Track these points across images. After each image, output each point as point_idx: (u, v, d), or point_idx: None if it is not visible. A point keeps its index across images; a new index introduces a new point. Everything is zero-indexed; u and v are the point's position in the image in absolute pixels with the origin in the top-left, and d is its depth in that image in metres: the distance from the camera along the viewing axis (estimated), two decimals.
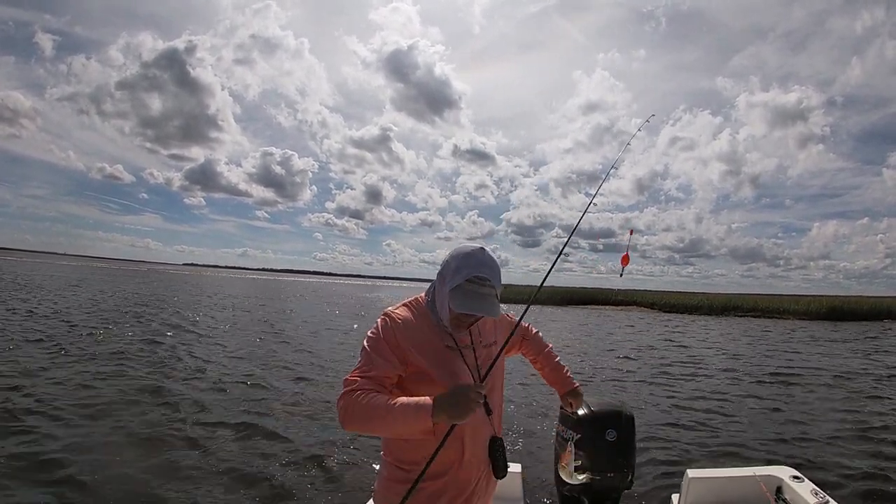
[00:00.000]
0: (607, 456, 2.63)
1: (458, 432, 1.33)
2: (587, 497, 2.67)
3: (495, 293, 1.41)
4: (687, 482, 2.63)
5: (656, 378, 9.35)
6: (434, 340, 1.44)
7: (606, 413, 2.71)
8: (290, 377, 8.04)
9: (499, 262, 1.46)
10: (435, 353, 1.42)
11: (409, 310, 1.47)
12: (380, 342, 1.39)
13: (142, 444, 4.62)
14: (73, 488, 3.68)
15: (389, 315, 1.44)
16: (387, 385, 1.36)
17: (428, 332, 1.44)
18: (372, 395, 1.28)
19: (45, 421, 5.01)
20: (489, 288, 1.39)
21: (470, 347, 1.51)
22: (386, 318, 1.43)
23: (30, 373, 6.88)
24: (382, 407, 1.25)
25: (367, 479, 4.07)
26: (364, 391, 1.29)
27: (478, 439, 1.47)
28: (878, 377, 9.91)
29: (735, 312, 33.96)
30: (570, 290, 44.66)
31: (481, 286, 1.38)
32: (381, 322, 1.43)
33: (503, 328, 1.68)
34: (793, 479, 2.60)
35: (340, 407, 1.31)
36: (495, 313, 1.39)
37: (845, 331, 22.34)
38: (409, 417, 1.22)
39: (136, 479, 3.90)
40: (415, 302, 1.51)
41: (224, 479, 4.02)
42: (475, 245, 1.44)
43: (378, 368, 1.35)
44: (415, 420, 1.22)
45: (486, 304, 1.37)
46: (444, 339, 1.45)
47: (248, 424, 5.37)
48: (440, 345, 1.44)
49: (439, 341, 1.44)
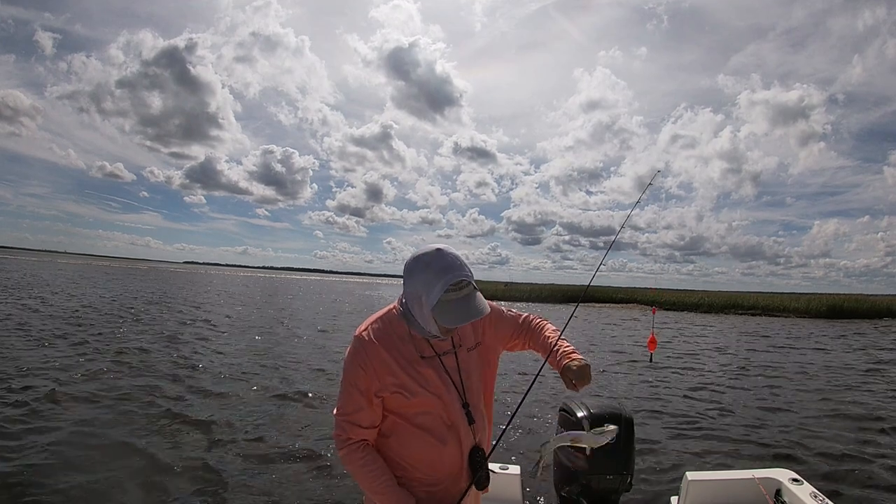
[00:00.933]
0: (606, 458, 2.63)
1: (439, 443, 1.41)
2: (586, 499, 2.67)
3: (473, 287, 1.35)
4: (686, 484, 2.63)
5: (656, 378, 9.34)
6: (410, 353, 1.40)
7: (606, 415, 2.70)
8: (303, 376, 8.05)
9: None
10: (412, 366, 1.39)
11: (380, 326, 1.42)
12: (357, 373, 1.37)
13: (147, 442, 4.65)
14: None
15: (361, 338, 1.39)
16: (376, 423, 1.42)
17: (402, 346, 1.39)
18: (364, 462, 1.37)
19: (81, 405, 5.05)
20: (467, 287, 1.33)
21: (451, 353, 1.46)
22: (358, 342, 1.39)
23: (64, 367, 6.93)
24: (369, 482, 1.37)
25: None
26: (354, 450, 1.38)
27: (461, 450, 1.46)
28: (878, 378, 9.91)
29: (735, 310, 33.95)
30: (570, 288, 44.67)
31: (460, 290, 1.32)
32: (354, 348, 1.40)
33: (488, 323, 1.60)
34: (792, 481, 2.60)
35: (339, 453, 1.41)
36: (485, 309, 1.34)
37: (845, 329, 22.33)
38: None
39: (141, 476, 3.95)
40: (386, 316, 1.44)
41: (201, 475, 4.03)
42: (429, 249, 1.36)
43: (363, 408, 1.38)
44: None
45: (473, 307, 1.32)
46: (420, 349, 1.41)
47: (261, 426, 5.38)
48: (416, 357, 1.40)
49: (415, 353, 1.40)
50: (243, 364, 8.78)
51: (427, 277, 1.31)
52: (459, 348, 1.49)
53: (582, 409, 2.76)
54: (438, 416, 1.41)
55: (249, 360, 9.16)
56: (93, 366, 7.62)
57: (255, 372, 8.18)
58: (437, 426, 1.41)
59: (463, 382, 1.46)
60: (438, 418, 1.41)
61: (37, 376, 6.73)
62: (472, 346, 1.53)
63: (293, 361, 9.34)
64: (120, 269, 74.50)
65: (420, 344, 1.42)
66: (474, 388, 1.50)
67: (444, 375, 1.43)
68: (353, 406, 1.37)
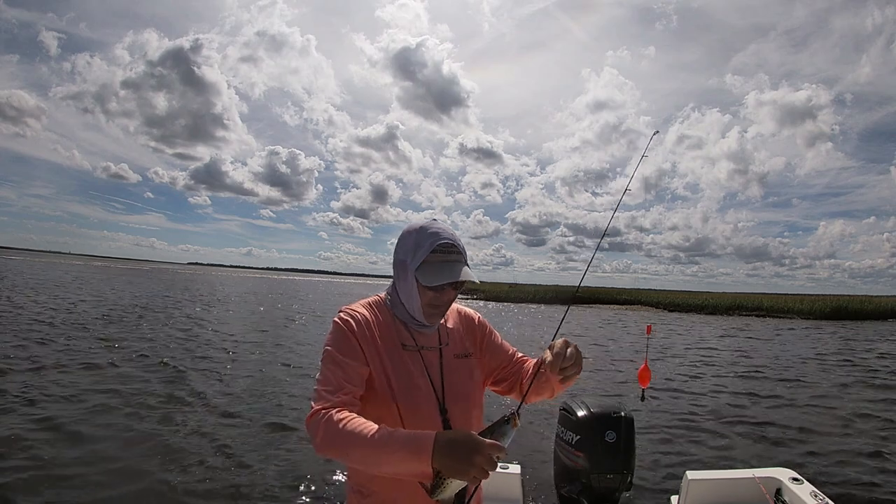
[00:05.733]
0: (607, 457, 2.65)
1: None
2: (586, 498, 2.68)
3: (464, 260, 1.26)
4: (686, 484, 2.63)
5: (656, 379, 9.33)
6: (392, 339, 1.28)
7: (606, 414, 2.73)
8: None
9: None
10: (391, 352, 1.26)
11: (366, 308, 1.31)
12: (345, 341, 1.21)
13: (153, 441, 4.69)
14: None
15: (347, 311, 1.28)
16: (359, 396, 1.19)
17: (385, 330, 1.28)
18: (353, 419, 1.07)
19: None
20: (457, 254, 1.25)
21: (435, 350, 1.33)
22: (345, 314, 1.27)
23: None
24: (368, 436, 1.01)
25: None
26: (339, 412, 1.08)
27: None
28: (880, 378, 9.86)
29: (739, 312, 33.86)
30: (572, 289, 44.49)
31: (448, 254, 1.23)
32: (341, 319, 1.25)
33: (476, 339, 1.44)
34: (792, 481, 2.60)
35: (314, 428, 1.08)
36: (473, 277, 1.24)
37: (850, 330, 22.21)
38: (403, 455, 0.98)
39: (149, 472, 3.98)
40: (373, 301, 1.36)
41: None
42: (423, 219, 1.31)
43: (350, 378, 1.17)
44: (410, 460, 0.98)
45: (458, 270, 1.22)
46: (402, 337, 1.29)
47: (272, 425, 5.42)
48: (397, 343, 1.28)
49: (396, 340, 1.28)
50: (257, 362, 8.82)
51: (415, 240, 1.25)
52: (445, 347, 1.35)
53: (582, 408, 2.78)
54: (401, 418, 1.21)
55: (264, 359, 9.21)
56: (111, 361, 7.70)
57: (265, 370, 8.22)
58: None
59: (444, 385, 1.29)
60: (400, 419, 1.21)
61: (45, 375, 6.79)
62: (461, 353, 1.38)
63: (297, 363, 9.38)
64: (126, 270, 74.83)
65: (402, 332, 1.30)
66: (458, 397, 1.31)
67: (422, 370, 1.28)
68: (334, 377, 1.17)
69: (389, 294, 1.36)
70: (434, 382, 1.28)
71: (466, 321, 1.46)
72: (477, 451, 0.95)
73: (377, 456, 1.01)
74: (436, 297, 1.26)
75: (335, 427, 1.05)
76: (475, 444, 0.96)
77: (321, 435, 1.06)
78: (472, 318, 1.48)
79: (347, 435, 1.03)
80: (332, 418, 1.06)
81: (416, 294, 1.25)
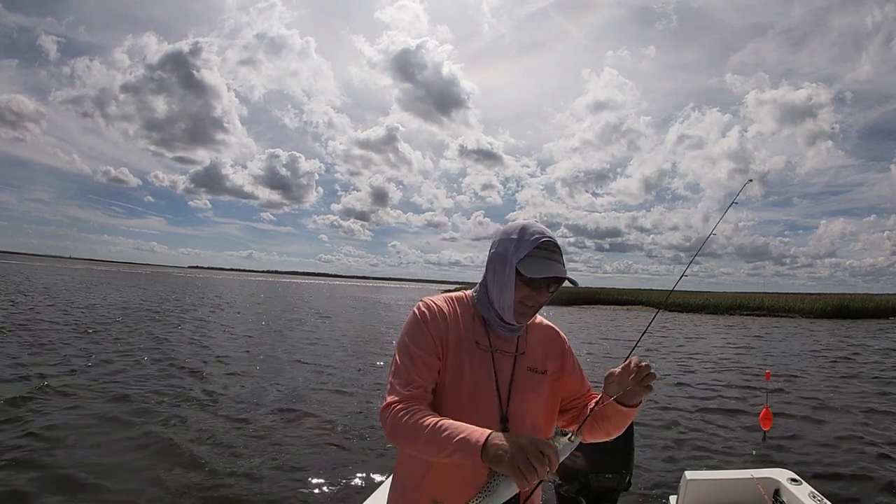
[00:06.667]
0: (605, 457, 2.65)
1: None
2: (585, 498, 2.68)
3: (563, 263, 1.25)
4: (685, 484, 2.64)
5: (656, 378, 9.32)
6: (468, 334, 1.27)
7: None
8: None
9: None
10: (462, 347, 1.25)
11: (446, 301, 1.31)
12: (419, 332, 1.23)
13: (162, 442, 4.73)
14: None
15: (426, 302, 1.28)
16: (430, 390, 1.21)
17: (462, 324, 1.27)
18: (416, 413, 1.12)
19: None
20: (560, 255, 1.25)
21: (510, 356, 1.29)
22: (423, 305, 1.28)
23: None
24: (427, 433, 1.08)
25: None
26: (407, 406, 1.14)
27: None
28: (880, 377, 9.85)
29: (740, 311, 33.83)
30: (575, 290, 44.53)
31: (552, 252, 1.23)
32: (419, 310, 1.26)
33: (556, 359, 1.37)
34: (791, 481, 2.61)
35: (384, 420, 1.17)
36: (571, 278, 1.24)
37: (851, 329, 22.18)
38: (457, 451, 1.04)
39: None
40: (456, 296, 1.35)
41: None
42: (522, 220, 1.31)
43: (420, 371, 1.19)
44: (463, 456, 1.03)
45: (561, 267, 1.23)
46: (477, 335, 1.28)
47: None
48: (472, 340, 1.26)
49: (472, 336, 1.27)
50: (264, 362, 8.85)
51: (519, 235, 1.25)
52: (521, 356, 1.30)
53: None
54: (460, 417, 1.13)
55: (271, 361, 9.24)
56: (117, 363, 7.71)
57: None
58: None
59: (510, 393, 1.25)
60: (459, 418, 1.13)
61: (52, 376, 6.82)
62: (536, 368, 1.32)
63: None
64: (127, 274, 74.84)
65: (479, 330, 1.28)
66: (522, 410, 1.26)
67: (490, 372, 1.25)
68: (406, 370, 1.19)
69: (476, 291, 1.34)
70: (500, 389, 1.25)
71: (550, 338, 1.40)
72: (527, 442, 0.98)
73: (436, 453, 1.08)
74: (531, 295, 1.23)
75: (400, 422, 1.12)
76: (526, 437, 1.01)
77: (389, 428, 1.15)
78: (559, 337, 1.42)
79: (410, 430, 1.11)
80: (398, 413, 1.13)
81: (511, 288, 1.23)
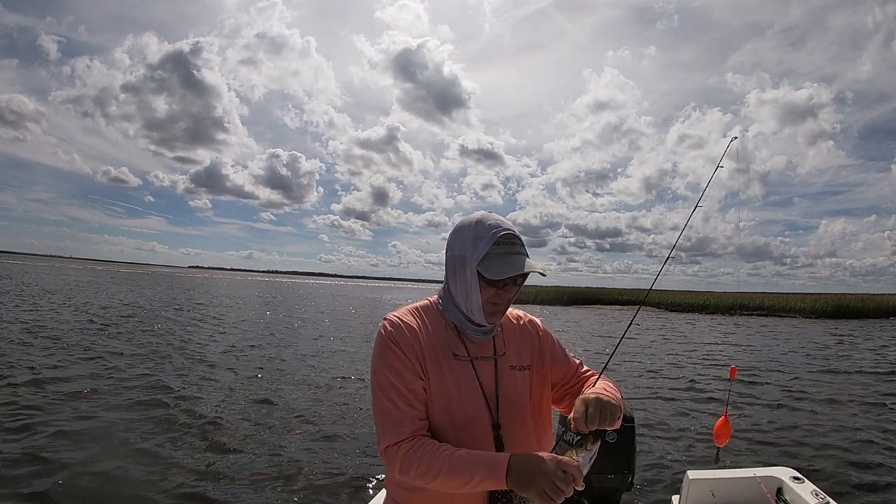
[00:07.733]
0: (607, 457, 2.64)
1: None
2: (587, 498, 2.68)
3: (526, 252, 1.17)
4: (687, 483, 2.64)
5: (657, 378, 9.34)
6: (443, 348, 1.18)
7: None
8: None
9: None
10: (441, 363, 1.16)
11: (413, 314, 1.21)
12: (395, 357, 1.13)
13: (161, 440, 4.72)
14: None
15: (392, 321, 1.17)
16: (424, 415, 1.13)
17: (435, 338, 1.18)
18: (425, 448, 1.05)
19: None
20: (520, 245, 1.16)
21: (490, 360, 1.21)
22: (389, 323, 1.16)
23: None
24: (445, 468, 1.02)
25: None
26: (413, 443, 1.07)
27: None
28: (881, 376, 9.85)
29: (741, 311, 33.81)
30: (576, 290, 44.62)
31: (512, 245, 1.14)
32: (386, 330, 1.16)
33: (535, 349, 1.31)
34: (793, 479, 2.60)
35: (389, 461, 1.09)
36: (537, 268, 1.13)
37: (851, 329, 22.17)
38: (480, 484, 1.01)
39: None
40: (422, 306, 1.25)
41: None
42: (478, 212, 1.20)
43: (409, 401, 1.11)
44: (486, 487, 1.02)
45: (525, 262, 1.13)
46: (454, 346, 1.19)
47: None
48: (448, 353, 1.18)
49: (448, 349, 1.18)
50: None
51: (474, 232, 1.15)
52: (502, 357, 1.23)
53: None
54: (452, 433, 1.12)
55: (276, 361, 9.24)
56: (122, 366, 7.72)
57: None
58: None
59: (498, 399, 1.19)
60: (451, 434, 1.12)
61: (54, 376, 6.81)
62: (519, 366, 1.25)
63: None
64: (128, 273, 74.84)
65: (454, 340, 1.19)
66: (514, 412, 1.20)
67: (474, 382, 1.17)
68: (394, 407, 1.10)
69: (441, 297, 1.25)
70: (487, 396, 1.18)
71: (526, 329, 1.33)
72: (549, 464, 0.97)
73: (457, 487, 1.04)
74: (498, 293, 1.16)
75: (410, 461, 1.06)
76: (546, 458, 0.99)
77: (399, 468, 1.08)
78: (534, 325, 1.35)
79: (424, 468, 1.04)
80: (406, 452, 1.07)
81: (476, 291, 1.14)
